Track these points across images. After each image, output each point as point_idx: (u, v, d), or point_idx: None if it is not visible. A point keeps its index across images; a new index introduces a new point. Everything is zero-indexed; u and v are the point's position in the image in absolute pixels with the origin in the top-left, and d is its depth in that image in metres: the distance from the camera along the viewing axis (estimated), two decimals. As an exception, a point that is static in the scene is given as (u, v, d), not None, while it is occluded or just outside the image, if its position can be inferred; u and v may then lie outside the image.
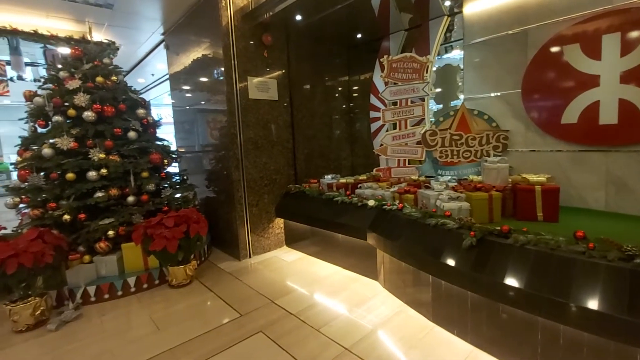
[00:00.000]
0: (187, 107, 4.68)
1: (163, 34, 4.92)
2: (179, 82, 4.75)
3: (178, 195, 3.67)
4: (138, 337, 2.38)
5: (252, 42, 3.76)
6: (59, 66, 3.43)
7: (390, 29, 4.28)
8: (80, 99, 3.14)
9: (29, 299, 2.53)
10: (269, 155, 3.98)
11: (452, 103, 4.27)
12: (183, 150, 4.90)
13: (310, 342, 2.21)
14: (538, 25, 2.81)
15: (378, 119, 4.58)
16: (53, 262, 2.58)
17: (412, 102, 3.67)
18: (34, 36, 4.04)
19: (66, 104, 3.20)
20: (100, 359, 2.16)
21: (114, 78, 3.45)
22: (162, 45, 5.45)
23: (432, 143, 3.53)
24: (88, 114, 3.16)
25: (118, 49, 4.03)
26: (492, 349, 1.98)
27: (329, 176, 4.11)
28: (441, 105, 4.42)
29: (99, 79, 3.32)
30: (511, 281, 1.75)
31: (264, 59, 3.88)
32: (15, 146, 3.30)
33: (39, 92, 3.31)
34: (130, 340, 2.34)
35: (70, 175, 3.03)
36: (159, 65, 6.64)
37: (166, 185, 3.59)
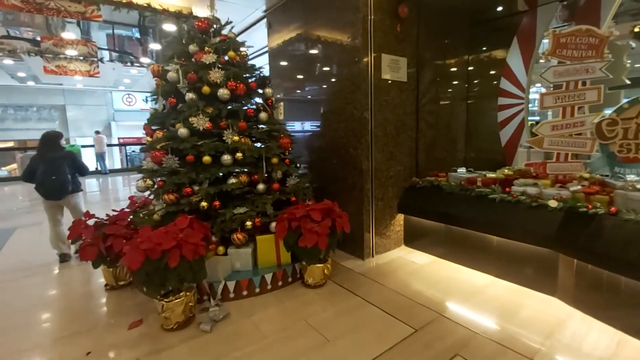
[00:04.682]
0: (297, 88, 4.34)
1: (265, 11, 4.59)
2: (287, 60, 4.41)
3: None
4: (308, 348, 2.06)
5: (386, 15, 3.31)
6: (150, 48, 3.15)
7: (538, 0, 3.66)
8: (216, 74, 2.85)
9: (180, 294, 2.29)
10: (395, 143, 3.54)
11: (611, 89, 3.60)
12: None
13: (538, 377, 1.77)
14: None
15: (510, 106, 4.02)
16: (205, 253, 2.32)
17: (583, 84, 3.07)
18: (147, 9, 3.83)
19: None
20: (282, 373, 1.85)
21: (243, 53, 3.14)
22: (254, 27, 5.16)
23: (609, 135, 2.93)
24: (223, 92, 2.87)
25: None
26: None
27: (461, 169, 3.63)
28: (593, 91, 3.76)
29: (231, 53, 3.01)
30: None
31: (396, 34, 3.42)
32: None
33: (167, 67, 3.07)
34: (303, 352, 2.02)
35: (207, 159, 2.76)
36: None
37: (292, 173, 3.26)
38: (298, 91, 4.34)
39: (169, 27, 4.22)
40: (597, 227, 2.25)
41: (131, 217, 2.98)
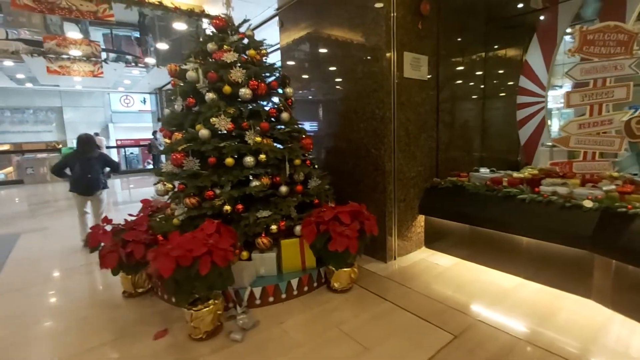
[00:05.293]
0: (310, 88, 4.25)
1: (277, 9, 4.50)
2: (300, 59, 4.32)
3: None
4: (347, 356, 1.98)
5: (408, 12, 3.23)
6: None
7: (559, -4, 3.61)
8: (237, 73, 2.76)
9: (209, 302, 2.19)
10: (416, 144, 3.47)
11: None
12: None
13: (592, 385, 1.71)
14: None
15: (530, 104, 3.97)
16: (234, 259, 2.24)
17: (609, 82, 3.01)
18: (159, 7, 3.73)
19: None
20: (324, 385, 1.77)
21: (263, 51, 3.05)
22: (263, 25, 5.07)
23: (639, 133, 2.89)
24: (245, 91, 2.78)
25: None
26: None
27: (484, 169, 3.57)
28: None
29: (251, 52, 2.92)
30: None
31: (417, 31, 3.35)
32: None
33: (184, 66, 2.97)
34: (343, 361, 1.94)
35: (229, 161, 2.66)
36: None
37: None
38: (311, 91, 4.26)
39: (180, 25, 4.10)
40: (639, 228, 2.19)
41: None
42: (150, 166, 14.83)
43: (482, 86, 4.40)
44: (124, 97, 16.89)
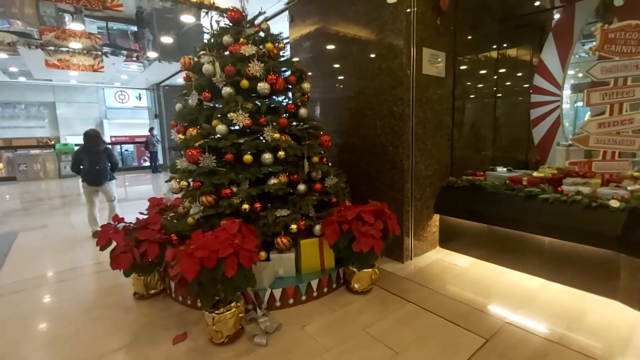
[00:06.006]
0: (320, 85, 4.15)
1: (287, 3, 4.39)
2: (310, 56, 4.22)
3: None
4: (378, 362, 1.91)
5: (427, 7, 3.16)
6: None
7: (576, -5, 3.58)
8: (256, 67, 2.66)
9: (231, 305, 2.10)
10: (433, 142, 3.41)
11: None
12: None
13: (636, 390, 1.66)
14: None
15: (544, 103, 3.94)
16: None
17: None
18: (169, -1, 3.60)
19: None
20: (359, 392, 1.69)
21: (280, 45, 2.95)
22: (272, 19, 4.95)
23: (660, 132, 2.86)
24: (263, 86, 2.68)
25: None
26: None
27: (501, 168, 3.53)
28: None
29: (269, 45, 2.82)
30: None
31: (436, 27, 3.29)
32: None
33: (199, 59, 2.86)
34: (375, 367, 1.87)
35: (248, 158, 2.57)
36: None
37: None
38: (321, 87, 4.16)
39: (187, 18, 3.97)
40: (671, 228, 2.16)
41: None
42: (147, 163, 14.57)
43: (495, 84, 4.36)
44: (119, 93, 16.57)
